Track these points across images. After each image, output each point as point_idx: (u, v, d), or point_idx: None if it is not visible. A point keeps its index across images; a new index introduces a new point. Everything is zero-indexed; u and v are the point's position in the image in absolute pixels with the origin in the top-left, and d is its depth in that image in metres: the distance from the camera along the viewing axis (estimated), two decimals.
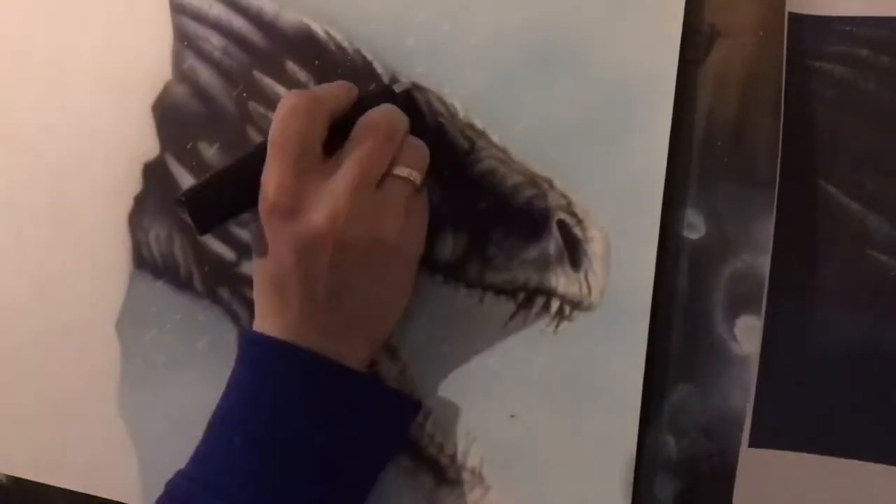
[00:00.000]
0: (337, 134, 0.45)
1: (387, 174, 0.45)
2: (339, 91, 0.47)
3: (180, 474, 0.47)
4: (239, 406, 0.46)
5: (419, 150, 0.46)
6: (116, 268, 0.56)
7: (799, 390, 0.43)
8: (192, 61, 0.54)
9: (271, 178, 0.44)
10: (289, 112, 0.44)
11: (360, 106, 0.46)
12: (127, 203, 0.56)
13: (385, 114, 0.46)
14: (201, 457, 0.46)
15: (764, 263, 0.44)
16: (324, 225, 0.43)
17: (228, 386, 0.47)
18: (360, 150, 0.44)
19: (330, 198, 0.43)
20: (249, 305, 0.53)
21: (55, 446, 0.58)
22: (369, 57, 0.50)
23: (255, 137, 0.52)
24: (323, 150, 0.45)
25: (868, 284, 0.42)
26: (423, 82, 0.49)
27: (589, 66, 0.46)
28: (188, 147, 0.54)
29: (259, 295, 0.47)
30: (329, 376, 0.45)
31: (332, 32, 0.51)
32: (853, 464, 0.42)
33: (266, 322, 0.46)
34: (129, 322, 0.56)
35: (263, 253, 0.46)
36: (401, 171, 0.45)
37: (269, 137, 0.45)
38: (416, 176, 0.45)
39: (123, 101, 0.55)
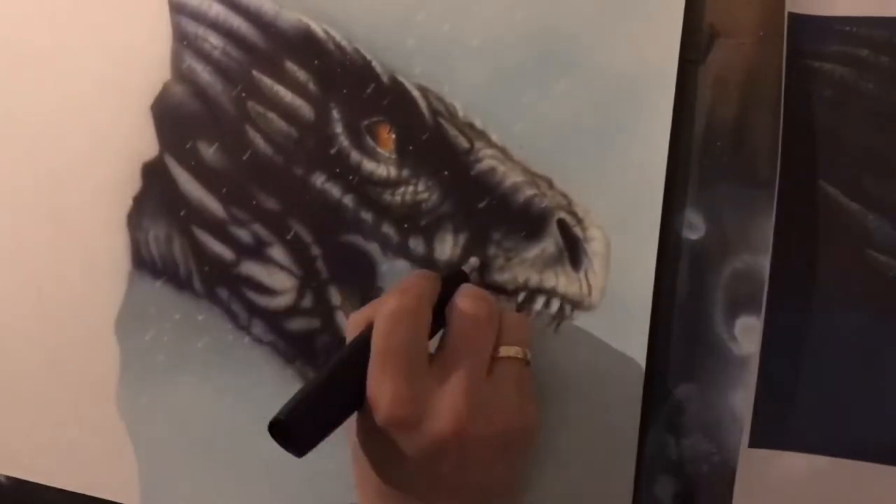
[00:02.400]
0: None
1: (492, 356, 0.43)
2: (431, 283, 0.45)
3: None
4: None
5: (519, 323, 0.45)
6: (115, 268, 0.56)
7: (799, 390, 0.43)
8: (191, 61, 0.54)
9: (384, 391, 0.41)
10: (393, 317, 0.42)
11: (444, 290, 0.45)
12: (126, 203, 0.56)
13: (476, 300, 0.44)
14: None
15: (764, 263, 0.44)
16: (449, 431, 0.41)
17: None
18: (465, 341, 0.42)
19: (448, 401, 0.41)
20: (248, 305, 0.53)
21: (54, 447, 0.58)
22: (368, 56, 0.50)
23: (255, 137, 0.52)
24: None
25: (868, 284, 0.42)
26: (423, 82, 0.49)
27: (589, 66, 0.46)
28: (187, 147, 0.54)
29: (369, 497, 0.44)
30: None
31: (332, 32, 0.51)
32: (853, 464, 0.42)
33: None
34: (128, 322, 0.56)
35: (376, 461, 0.43)
36: (507, 351, 0.43)
37: (375, 345, 0.42)
38: (520, 352, 0.44)
39: (122, 100, 0.55)
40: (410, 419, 0.41)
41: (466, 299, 0.44)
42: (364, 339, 0.42)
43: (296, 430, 0.40)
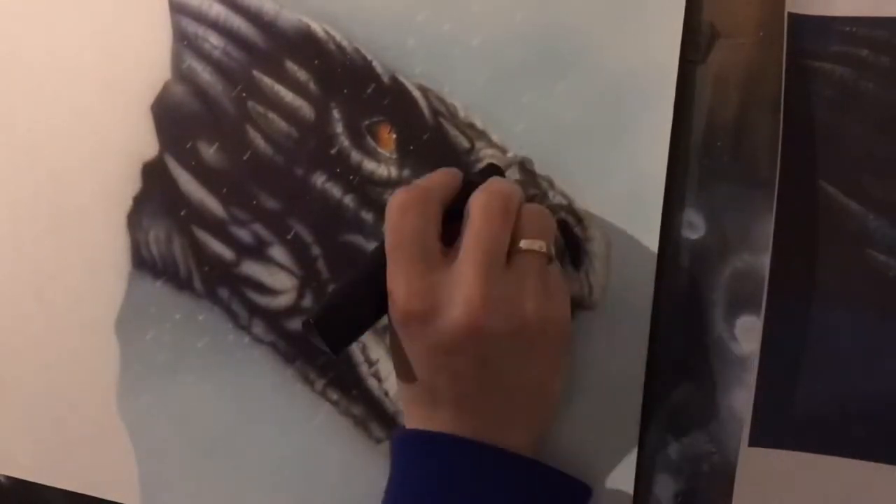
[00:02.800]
0: (451, 222, 0.43)
1: (512, 251, 0.42)
2: (444, 178, 0.44)
3: None
4: None
5: (541, 216, 0.43)
6: (115, 268, 0.56)
7: (799, 390, 0.43)
8: (191, 61, 0.54)
9: (398, 284, 0.41)
10: (399, 210, 0.41)
11: (467, 189, 0.43)
12: (126, 203, 0.56)
13: (493, 188, 0.42)
14: None
15: (764, 263, 0.44)
16: (463, 321, 0.40)
17: (386, 492, 0.43)
18: (478, 232, 0.41)
19: (462, 290, 0.40)
20: (249, 305, 0.53)
21: (54, 447, 0.58)
22: (369, 56, 0.50)
23: (255, 137, 0.52)
24: (441, 241, 0.42)
25: (868, 284, 0.42)
26: (423, 82, 0.49)
27: (589, 66, 0.46)
28: (187, 147, 0.54)
29: (407, 400, 0.44)
30: (496, 464, 0.41)
31: (332, 32, 0.51)
32: (853, 464, 0.42)
33: (420, 425, 0.43)
34: (128, 322, 0.56)
35: (403, 358, 0.42)
36: (525, 244, 0.42)
37: (386, 241, 0.42)
38: (542, 245, 0.42)
39: (122, 100, 0.55)
40: (425, 311, 0.40)
41: (481, 192, 0.42)
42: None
43: (325, 331, 0.41)
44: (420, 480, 0.42)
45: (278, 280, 0.52)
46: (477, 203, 0.42)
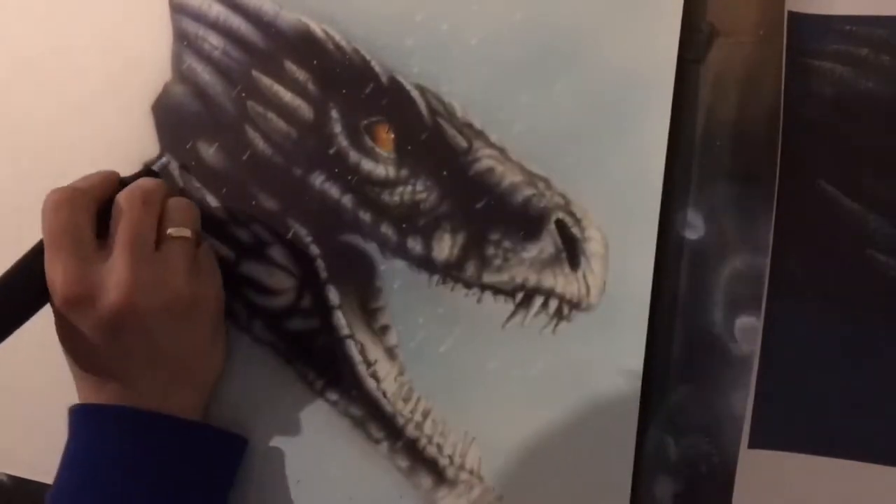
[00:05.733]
0: (107, 218, 0.47)
1: (160, 238, 0.47)
2: (98, 178, 0.49)
3: None
4: (77, 479, 0.47)
5: (185, 207, 0.49)
6: None
7: (799, 390, 0.43)
8: (191, 61, 0.54)
9: (56, 273, 0.46)
10: (52, 208, 0.46)
11: (122, 188, 0.48)
12: None
13: (136, 184, 0.48)
14: None
15: (764, 263, 0.44)
16: (117, 301, 0.45)
17: (62, 464, 0.48)
18: (123, 221, 0.46)
19: (114, 275, 0.45)
20: (249, 305, 0.53)
21: (55, 445, 0.58)
22: (368, 56, 0.50)
23: (254, 137, 0.52)
24: (97, 235, 0.47)
25: (868, 284, 0.42)
26: (422, 81, 0.49)
27: (587, 66, 0.46)
28: (188, 147, 0.54)
29: (78, 377, 0.49)
30: (157, 427, 0.47)
31: (331, 32, 0.51)
32: (853, 464, 0.42)
33: (92, 398, 0.48)
34: None
35: (70, 340, 0.48)
36: (171, 231, 0.48)
37: (44, 237, 0.46)
38: (187, 232, 0.48)
39: (123, 101, 0.55)
40: (83, 296, 0.45)
41: (125, 189, 0.48)
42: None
43: None
44: (92, 449, 0.47)
45: (277, 280, 0.52)
46: (121, 197, 0.47)
